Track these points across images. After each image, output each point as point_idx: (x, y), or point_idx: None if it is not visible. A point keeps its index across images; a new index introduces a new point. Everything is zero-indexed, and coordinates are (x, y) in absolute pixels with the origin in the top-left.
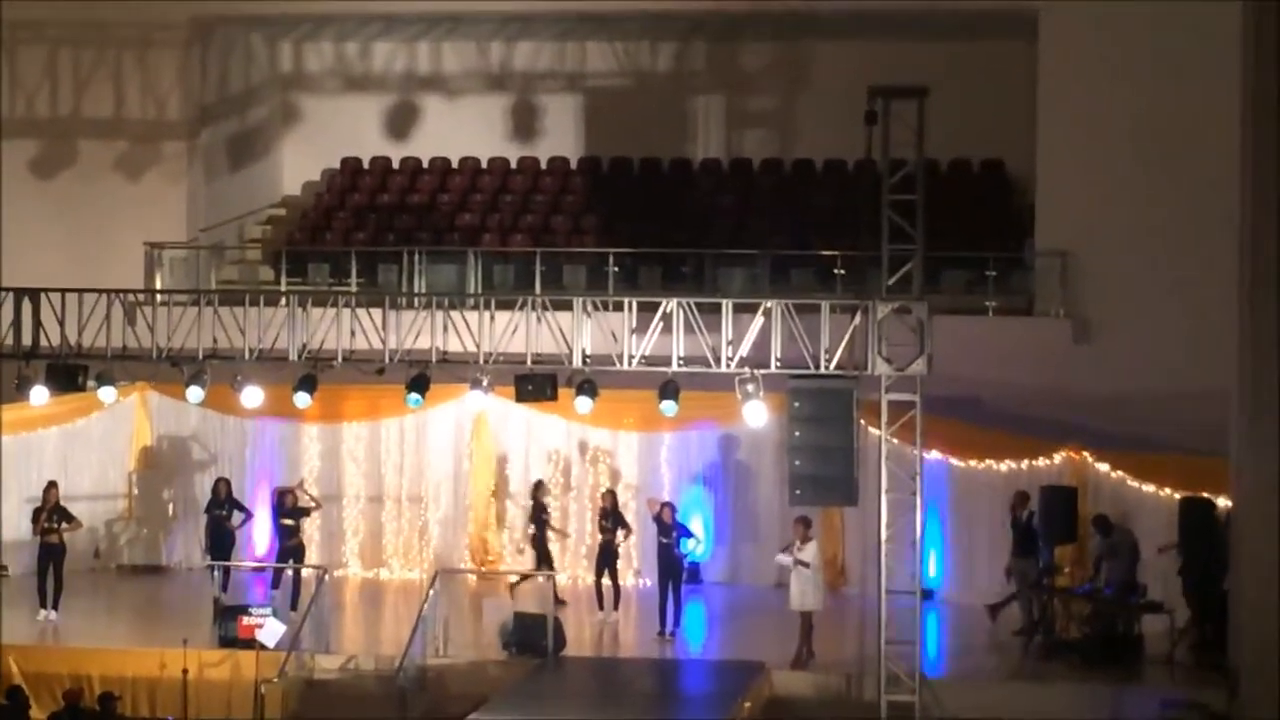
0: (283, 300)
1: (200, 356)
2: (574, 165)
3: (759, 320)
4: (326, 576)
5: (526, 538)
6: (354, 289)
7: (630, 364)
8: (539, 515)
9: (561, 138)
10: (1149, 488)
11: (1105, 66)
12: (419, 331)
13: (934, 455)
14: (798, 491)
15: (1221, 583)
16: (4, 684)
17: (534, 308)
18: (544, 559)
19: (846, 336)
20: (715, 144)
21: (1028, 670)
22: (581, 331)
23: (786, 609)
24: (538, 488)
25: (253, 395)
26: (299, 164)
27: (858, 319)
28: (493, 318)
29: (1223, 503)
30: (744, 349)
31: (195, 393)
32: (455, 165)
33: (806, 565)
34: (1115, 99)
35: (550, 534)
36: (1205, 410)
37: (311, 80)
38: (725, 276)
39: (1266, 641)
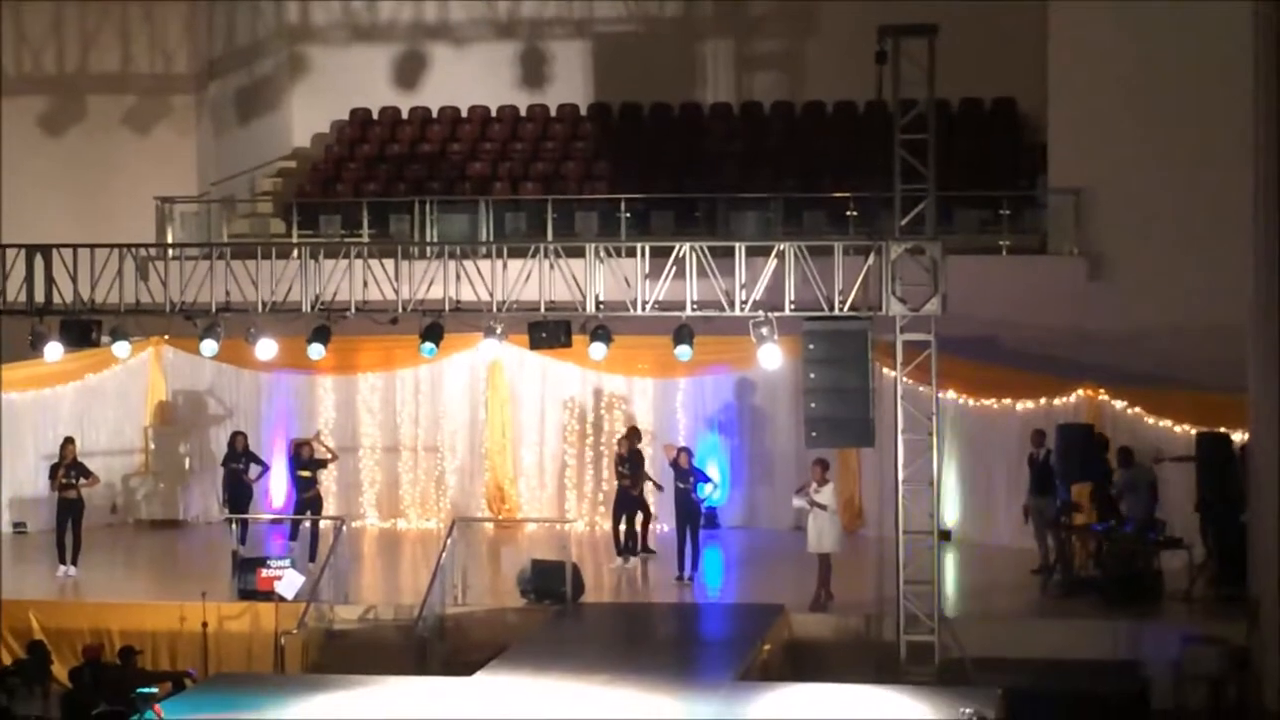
0: (295, 252)
1: (213, 310)
2: (584, 112)
3: (772, 263)
4: (344, 527)
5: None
6: (366, 240)
7: (644, 309)
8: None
9: (571, 84)
10: (1165, 423)
11: (1116, 1)
12: (432, 281)
13: (949, 395)
14: (814, 434)
15: (1239, 517)
16: (25, 639)
17: (546, 255)
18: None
19: (860, 278)
20: (725, 88)
21: (1047, 608)
22: (594, 278)
23: (804, 551)
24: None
25: (267, 348)
26: (308, 116)
27: (871, 260)
28: (505, 266)
29: (1239, 437)
30: (758, 292)
31: (209, 346)
32: (465, 114)
33: (824, 507)
34: (1126, 34)
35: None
36: (1221, 346)
37: (319, 32)
38: (738, 220)
39: None
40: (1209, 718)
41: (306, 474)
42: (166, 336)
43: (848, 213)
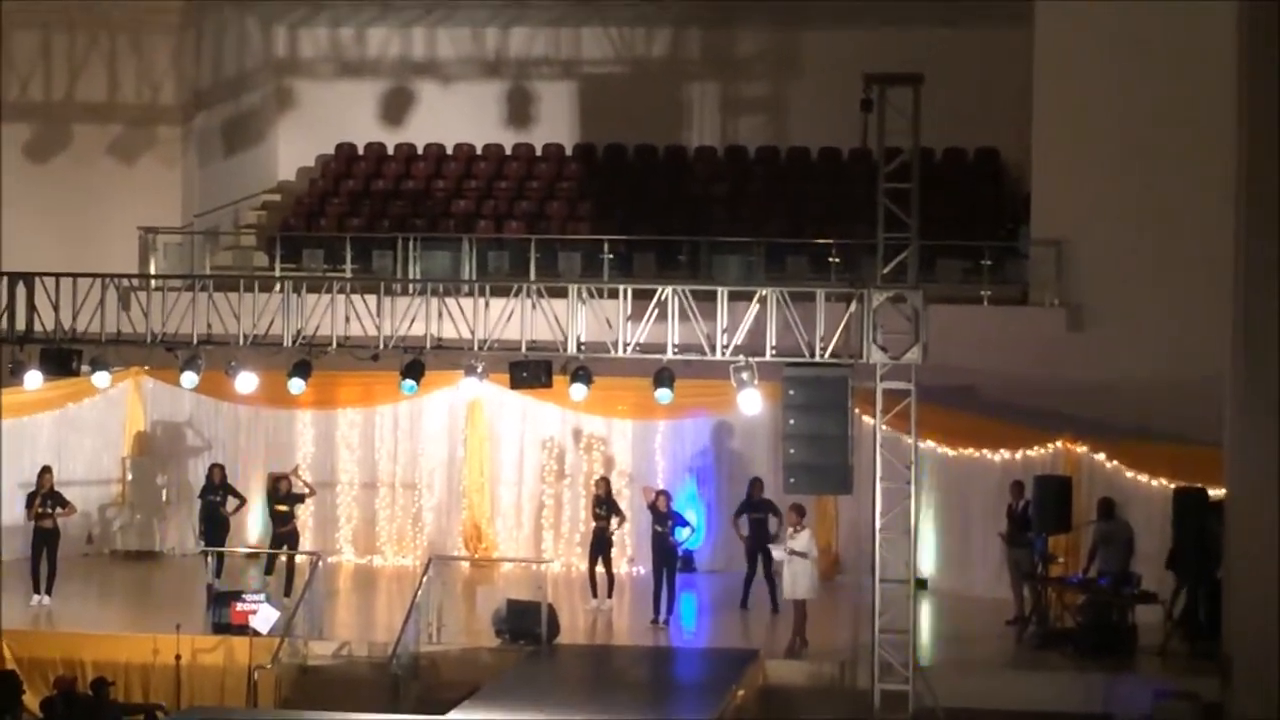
0: (277, 286)
1: (194, 342)
2: (569, 152)
3: (754, 308)
4: (320, 563)
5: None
6: (349, 275)
7: (625, 351)
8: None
9: (556, 124)
10: (1143, 477)
11: (1101, 55)
12: (414, 318)
13: (928, 444)
14: (792, 480)
15: (1215, 573)
16: None
17: (529, 294)
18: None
19: (841, 324)
20: (710, 131)
21: (1021, 659)
22: (576, 318)
23: (780, 598)
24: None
25: (247, 381)
26: (294, 149)
27: (853, 307)
28: (487, 304)
29: (1216, 493)
30: (739, 337)
31: (189, 378)
32: (450, 151)
33: (804, 555)
34: (1111, 87)
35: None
36: (1199, 400)
37: (306, 65)
38: (720, 264)
39: (1260, 632)
40: None
41: (284, 508)
42: (147, 367)
43: (830, 259)
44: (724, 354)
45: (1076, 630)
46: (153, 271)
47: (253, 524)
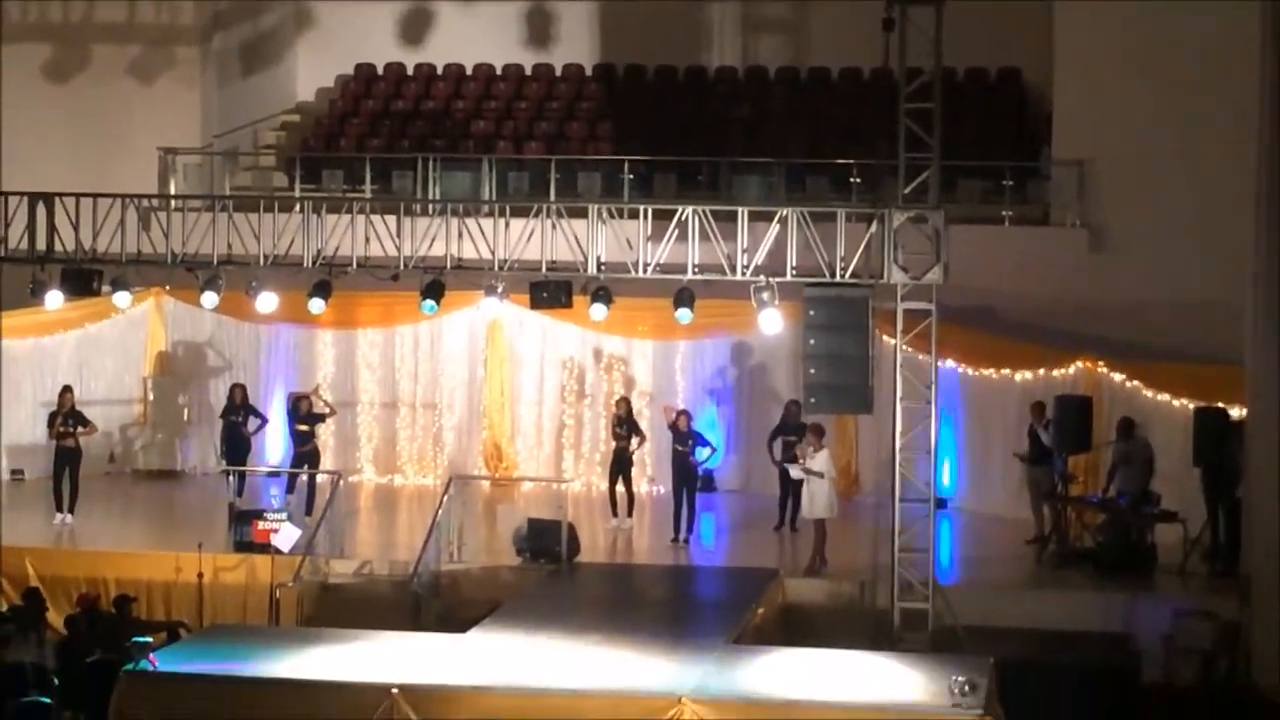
0: (297, 206)
1: (215, 262)
2: (589, 72)
3: (774, 228)
4: (341, 482)
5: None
6: (368, 195)
7: (645, 271)
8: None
9: (576, 45)
10: (1163, 397)
11: None
12: (434, 238)
13: (949, 364)
14: (813, 399)
15: (1235, 492)
16: (21, 586)
17: (549, 215)
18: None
19: (862, 245)
20: (731, 52)
21: (1041, 579)
22: (596, 239)
23: (800, 516)
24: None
25: (267, 301)
26: (313, 70)
27: (873, 227)
28: (507, 225)
29: (1236, 412)
30: (759, 257)
31: (210, 298)
32: (470, 72)
33: (820, 475)
34: (1132, 7)
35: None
36: (1220, 320)
37: None
38: (740, 184)
39: (1279, 550)
40: (1199, 691)
41: (304, 428)
42: (167, 287)
43: (851, 179)
44: (744, 274)
45: (1096, 549)
46: (172, 192)
47: (274, 444)
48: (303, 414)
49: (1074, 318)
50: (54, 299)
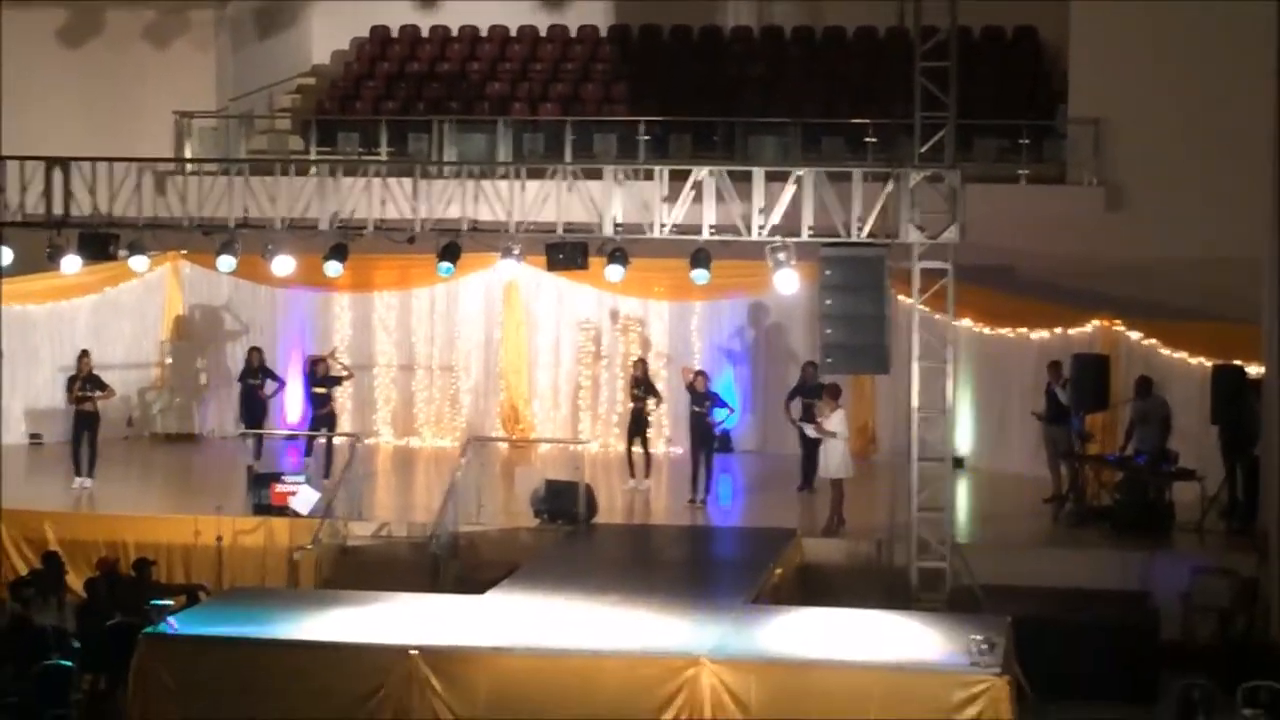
0: (313, 170)
1: (231, 226)
2: (604, 33)
3: (790, 188)
4: (358, 444)
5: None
6: (384, 158)
7: (661, 232)
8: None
9: (591, 6)
10: (1180, 355)
11: None
12: (449, 200)
13: (965, 323)
14: (829, 360)
15: (1252, 450)
16: (41, 550)
17: (565, 176)
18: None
19: (878, 204)
20: (746, 12)
21: (1058, 537)
22: (612, 200)
23: (817, 476)
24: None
25: (284, 264)
26: (328, 33)
27: (889, 187)
28: (523, 186)
29: (1254, 370)
30: (775, 217)
31: (227, 262)
32: (484, 34)
33: (835, 435)
34: None
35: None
36: (1237, 278)
37: None
38: (756, 145)
39: None
40: (1217, 648)
41: (322, 391)
42: (184, 251)
43: (866, 139)
44: (760, 234)
45: (1113, 508)
46: (188, 156)
47: (291, 407)
48: (320, 377)
49: (1091, 276)
50: (71, 263)
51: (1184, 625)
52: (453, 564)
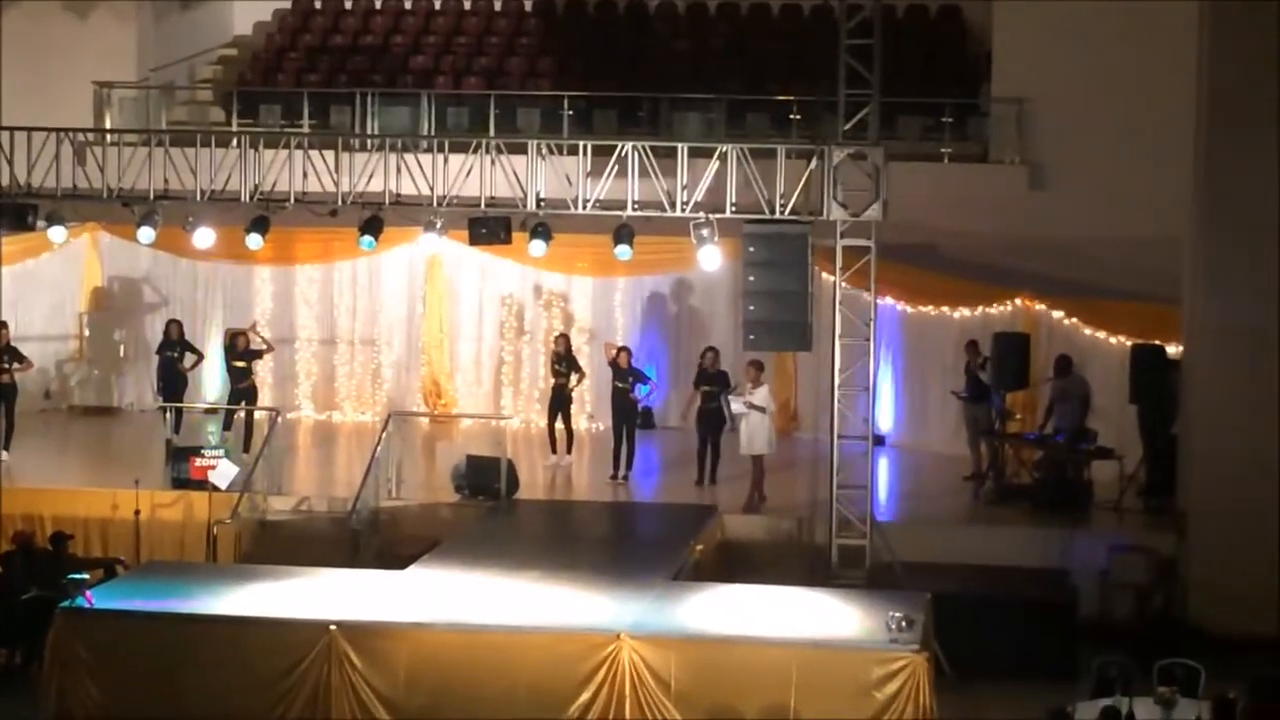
0: (234, 141)
1: (151, 197)
2: (529, 8)
3: (714, 164)
4: (279, 418)
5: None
6: (306, 130)
7: (584, 208)
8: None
9: None
10: (1100, 334)
11: None
12: (372, 173)
13: (888, 301)
14: (752, 336)
15: (1170, 429)
16: None
17: (488, 150)
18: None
19: (802, 181)
20: None
21: (978, 515)
22: (536, 175)
23: (738, 453)
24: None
25: (204, 236)
26: (250, 4)
27: (813, 164)
28: (446, 160)
29: (1173, 350)
30: (699, 193)
31: (146, 233)
32: (409, 6)
33: (762, 409)
34: None
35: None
36: (1158, 257)
37: None
38: (680, 121)
39: (1214, 487)
40: (1134, 626)
41: (242, 364)
42: (103, 223)
43: (791, 116)
44: (684, 211)
45: (1033, 486)
46: (108, 126)
47: (211, 380)
48: (239, 350)
49: (1013, 255)
50: None
51: (1102, 603)
52: (373, 539)
